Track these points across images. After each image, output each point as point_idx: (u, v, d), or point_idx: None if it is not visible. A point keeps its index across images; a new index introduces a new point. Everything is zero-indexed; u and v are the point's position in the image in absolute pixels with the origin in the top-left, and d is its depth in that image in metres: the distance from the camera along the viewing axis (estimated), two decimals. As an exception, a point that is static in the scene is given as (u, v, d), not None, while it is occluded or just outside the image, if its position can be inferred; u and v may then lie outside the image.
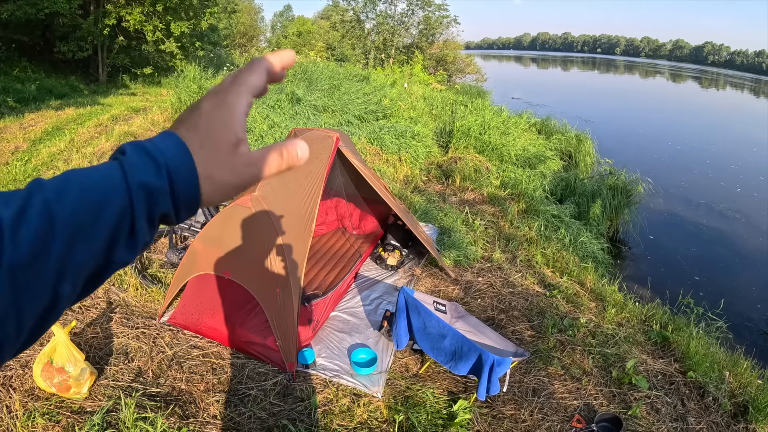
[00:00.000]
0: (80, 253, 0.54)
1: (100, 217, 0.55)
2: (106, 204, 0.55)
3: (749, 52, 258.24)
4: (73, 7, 16.24)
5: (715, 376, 4.98)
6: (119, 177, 0.57)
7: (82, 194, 0.54)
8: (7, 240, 0.50)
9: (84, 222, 0.54)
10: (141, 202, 0.57)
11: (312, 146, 4.64)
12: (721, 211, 13.86)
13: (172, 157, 0.60)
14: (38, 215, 0.52)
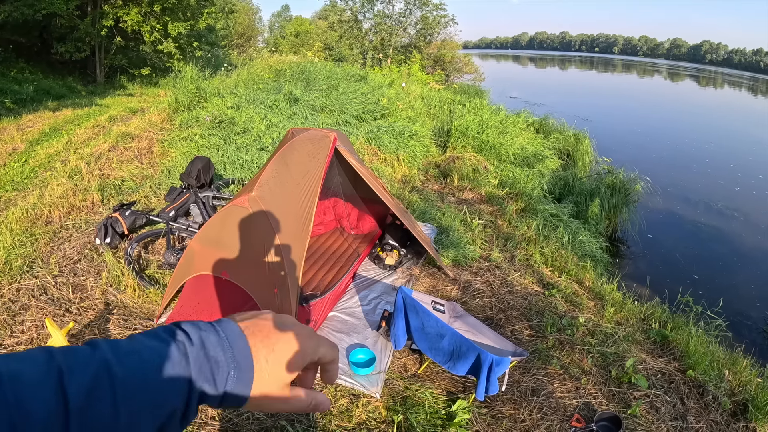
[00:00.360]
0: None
1: (159, 411, 0.58)
2: (167, 401, 0.59)
3: (747, 51, 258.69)
4: (71, 8, 16.23)
5: (715, 375, 4.98)
6: (185, 380, 0.61)
7: (146, 386, 0.58)
8: (74, 424, 0.51)
9: (143, 410, 0.57)
10: (195, 400, 0.62)
11: (309, 146, 4.64)
12: (720, 209, 13.88)
13: (234, 377, 0.65)
14: (104, 404, 0.54)
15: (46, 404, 0.50)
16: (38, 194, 7.33)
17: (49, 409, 0.50)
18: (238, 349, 0.66)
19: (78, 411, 0.51)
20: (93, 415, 0.52)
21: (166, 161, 8.99)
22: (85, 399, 0.52)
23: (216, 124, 10.32)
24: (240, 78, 15.39)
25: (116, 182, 8.06)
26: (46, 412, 0.50)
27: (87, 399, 0.52)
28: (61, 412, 0.51)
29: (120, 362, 0.57)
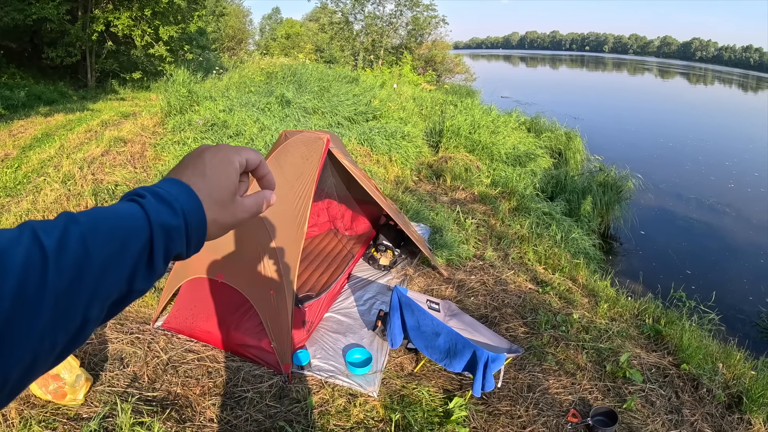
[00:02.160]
0: (108, 281, 0.61)
1: (126, 251, 0.63)
2: (131, 239, 0.64)
3: (737, 48, 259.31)
4: (61, 13, 16.16)
5: (709, 368, 5.02)
6: (143, 217, 0.66)
7: (112, 230, 0.63)
8: (51, 266, 0.55)
9: (113, 254, 0.62)
10: (160, 240, 0.67)
11: (303, 148, 4.66)
12: (711, 205, 13.94)
13: (186, 203, 0.72)
14: (77, 245, 0.58)
15: (26, 251, 0.55)
16: (31, 200, 7.33)
17: (28, 255, 0.54)
18: (177, 187, 0.73)
19: (54, 254, 0.56)
20: (68, 258, 0.57)
21: (159, 165, 8.99)
22: (59, 242, 0.57)
23: (208, 128, 10.32)
24: (231, 81, 15.41)
25: (110, 187, 8.05)
26: (25, 258, 0.54)
27: (60, 244, 0.57)
28: (38, 257, 0.55)
29: (83, 215, 0.62)
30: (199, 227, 0.74)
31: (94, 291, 0.60)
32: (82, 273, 0.58)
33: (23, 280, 0.53)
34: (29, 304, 0.53)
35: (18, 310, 0.52)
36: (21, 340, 0.53)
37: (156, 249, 0.67)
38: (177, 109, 11.37)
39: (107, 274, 0.61)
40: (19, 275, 0.53)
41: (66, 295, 0.56)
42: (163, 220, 0.68)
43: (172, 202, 0.70)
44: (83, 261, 0.58)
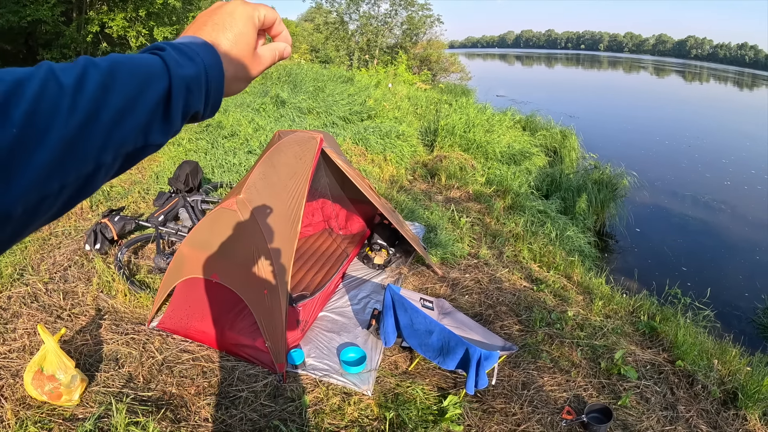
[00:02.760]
0: (124, 127, 0.61)
1: (144, 96, 0.63)
2: (150, 86, 0.64)
3: (732, 45, 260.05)
4: (56, 14, 16.13)
5: (704, 365, 5.04)
6: (162, 67, 0.66)
7: (131, 75, 0.62)
8: (66, 101, 0.55)
9: (131, 98, 0.62)
10: (180, 92, 0.67)
11: (296, 148, 4.66)
12: (707, 202, 13.99)
13: (207, 57, 0.72)
14: (95, 85, 0.58)
15: (42, 83, 0.55)
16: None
17: (43, 86, 0.54)
18: (197, 42, 0.74)
19: (70, 91, 0.56)
20: (84, 97, 0.57)
21: (154, 166, 8.98)
22: (76, 82, 0.57)
23: (203, 128, 10.32)
24: (226, 81, 15.37)
25: (104, 188, 8.04)
26: (39, 89, 0.54)
27: (77, 82, 0.57)
28: (54, 90, 0.55)
29: (102, 60, 0.62)
30: (219, 83, 0.75)
31: (108, 135, 0.60)
32: (97, 114, 0.58)
33: (35, 109, 0.53)
34: (39, 134, 0.53)
35: (27, 139, 0.52)
36: (27, 172, 0.52)
37: (174, 101, 0.67)
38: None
39: (123, 120, 0.61)
40: (31, 103, 0.53)
41: (79, 135, 0.56)
42: (184, 72, 0.68)
43: (193, 56, 0.70)
44: (100, 102, 0.58)
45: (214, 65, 0.73)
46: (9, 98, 0.52)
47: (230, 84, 0.78)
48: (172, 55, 0.68)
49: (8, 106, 0.51)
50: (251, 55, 0.81)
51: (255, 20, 0.81)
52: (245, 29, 0.79)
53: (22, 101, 0.52)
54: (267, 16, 0.84)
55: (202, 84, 0.71)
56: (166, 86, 0.66)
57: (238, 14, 0.79)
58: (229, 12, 0.79)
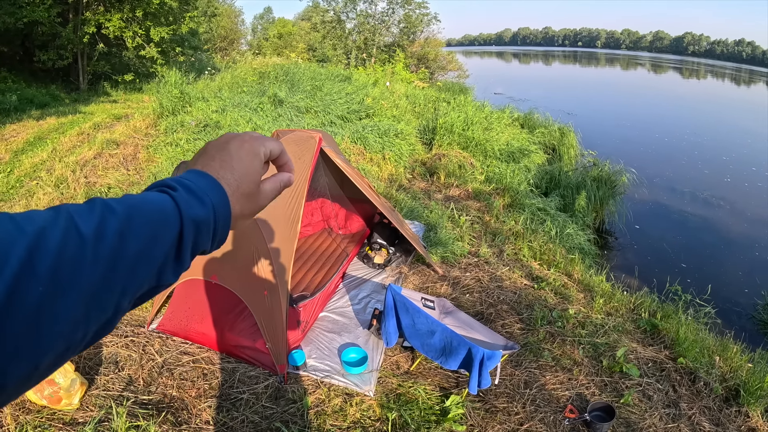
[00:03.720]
0: (140, 273, 0.62)
1: (158, 244, 0.64)
2: (164, 233, 0.65)
3: (729, 42, 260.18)
4: (52, 16, 16.10)
5: (706, 362, 5.02)
6: (174, 210, 0.67)
7: (146, 223, 0.63)
8: (88, 253, 0.55)
9: (146, 247, 0.62)
10: (190, 234, 0.68)
11: (295, 147, 4.64)
12: (706, 199, 13.97)
13: (215, 197, 0.73)
14: (113, 236, 0.58)
15: (63, 234, 0.54)
16: (24, 204, 7.30)
17: (65, 238, 0.54)
18: (206, 180, 0.75)
19: (91, 242, 0.56)
20: (104, 247, 0.57)
21: (152, 167, 8.97)
22: (96, 231, 0.57)
23: (201, 129, 10.30)
24: (224, 81, 15.39)
25: (103, 190, 8.04)
26: (62, 241, 0.53)
27: (98, 231, 0.57)
28: (76, 243, 0.55)
29: (117, 203, 0.62)
30: (226, 222, 0.75)
31: (126, 282, 0.60)
32: (116, 264, 0.58)
33: (59, 264, 0.52)
34: (65, 289, 0.52)
35: (53, 294, 0.51)
36: (54, 326, 0.52)
37: (185, 243, 0.68)
38: (169, 110, 11.37)
39: (140, 266, 0.61)
40: (56, 257, 0.52)
41: (100, 285, 0.56)
42: (194, 214, 0.69)
43: (203, 197, 0.71)
44: (118, 252, 0.58)
45: (222, 205, 0.74)
46: (33, 253, 0.51)
47: (236, 221, 0.79)
48: (184, 196, 0.69)
49: (33, 262, 0.51)
50: (257, 192, 0.83)
51: (261, 156, 0.83)
52: (252, 167, 0.81)
53: (47, 256, 0.52)
54: (273, 150, 0.87)
55: (211, 224, 0.72)
56: (178, 230, 0.67)
57: (246, 152, 0.81)
58: (237, 148, 0.81)
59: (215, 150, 0.81)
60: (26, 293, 0.49)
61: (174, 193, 0.69)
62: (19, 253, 0.50)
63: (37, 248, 0.51)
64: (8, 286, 0.48)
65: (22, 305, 0.49)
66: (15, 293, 0.48)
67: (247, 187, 0.80)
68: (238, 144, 0.81)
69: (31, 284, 0.50)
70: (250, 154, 0.81)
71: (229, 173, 0.78)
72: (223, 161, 0.79)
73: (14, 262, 0.49)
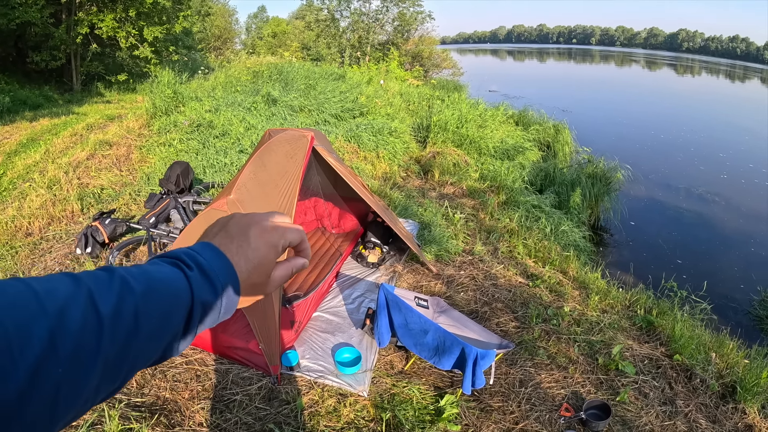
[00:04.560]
0: (150, 349, 0.65)
1: (170, 323, 0.66)
2: (176, 313, 0.67)
3: (723, 38, 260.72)
4: (45, 16, 16.07)
5: (702, 358, 5.02)
6: (187, 291, 0.69)
7: (161, 303, 0.65)
8: (106, 334, 0.57)
9: (159, 326, 0.65)
10: (197, 314, 0.70)
11: (286, 146, 4.61)
12: (701, 195, 13.99)
13: (226, 281, 0.73)
14: (130, 317, 0.60)
15: (83, 315, 0.55)
16: (17, 206, 7.26)
17: (85, 319, 0.55)
18: (220, 262, 0.74)
19: (109, 323, 0.57)
20: (121, 328, 0.59)
21: (145, 167, 8.94)
22: (114, 312, 0.58)
23: (194, 128, 10.26)
24: (217, 81, 15.36)
25: (95, 191, 8.00)
26: (82, 322, 0.55)
27: (115, 312, 0.59)
28: (95, 324, 0.56)
29: (135, 281, 0.63)
30: (231, 305, 0.76)
31: (136, 358, 0.62)
32: (130, 342, 0.60)
33: (79, 345, 0.54)
34: (83, 369, 0.54)
35: (72, 375, 0.53)
36: (70, 403, 0.54)
37: (193, 321, 0.70)
38: (162, 110, 11.32)
39: (151, 343, 0.64)
40: (76, 340, 0.54)
41: (114, 362, 0.58)
42: (205, 299, 0.70)
43: (215, 280, 0.72)
44: (134, 332, 0.60)
45: (232, 292, 0.75)
46: (55, 336, 0.52)
47: (240, 304, 0.79)
48: (197, 278, 0.70)
49: (55, 345, 0.52)
50: (266, 282, 0.82)
51: (279, 249, 0.82)
52: (267, 259, 0.80)
53: (68, 339, 0.53)
54: (292, 241, 0.86)
55: (219, 309, 0.73)
56: (189, 310, 0.69)
57: (264, 242, 0.80)
58: (256, 237, 0.80)
59: (236, 231, 0.80)
60: (47, 376, 0.51)
61: (189, 273, 0.70)
62: (42, 335, 0.51)
63: (59, 331, 0.52)
64: (31, 368, 0.49)
65: (43, 387, 0.50)
66: (37, 376, 0.50)
67: (258, 278, 0.79)
68: (258, 232, 0.80)
69: (52, 367, 0.51)
70: (268, 245, 0.80)
71: (244, 261, 0.77)
72: (240, 247, 0.78)
73: (36, 346, 0.50)
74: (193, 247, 0.76)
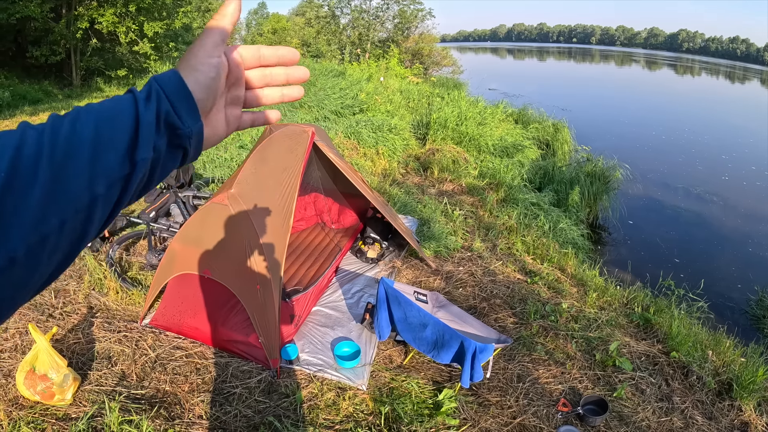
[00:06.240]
0: (106, 157, 0.62)
1: (117, 125, 0.64)
2: (120, 114, 0.65)
3: (723, 39, 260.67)
4: (45, 11, 16.05)
5: (699, 356, 5.04)
6: (129, 96, 0.67)
7: (98, 110, 0.64)
8: (46, 139, 0.58)
9: (105, 131, 0.62)
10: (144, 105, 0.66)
11: (287, 142, 4.63)
12: (700, 195, 14.00)
13: (162, 75, 0.70)
14: (68, 124, 0.61)
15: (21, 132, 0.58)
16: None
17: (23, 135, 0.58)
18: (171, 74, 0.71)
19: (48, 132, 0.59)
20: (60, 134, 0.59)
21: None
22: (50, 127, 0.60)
23: (195, 123, 10.26)
24: (217, 77, 15.33)
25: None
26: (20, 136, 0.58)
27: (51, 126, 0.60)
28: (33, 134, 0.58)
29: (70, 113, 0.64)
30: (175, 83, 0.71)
31: (92, 165, 0.60)
32: (76, 147, 0.59)
33: (17, 156, 0.55)
34: (25, 174, 0.55)
35: (15, 182, 0.54)
36: (21, 212, 0.54)
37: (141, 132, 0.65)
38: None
39: (103, 148, 0.61)
40: (14, 151, 0.55)
41: (63, 167, 0.57)
42: (157, 107, 0.67)
43: (151, 81, 0.70)
44: (75, 136, 0.60)
45: (170, 75, 0.71)
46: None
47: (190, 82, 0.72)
48: (145, 93, 0.68)
49: None
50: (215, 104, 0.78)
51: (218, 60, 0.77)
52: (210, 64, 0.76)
53: (6, 150, 0.55)
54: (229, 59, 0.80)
55: (160, 90, 0.69)
56: (135, 108, 0.66)
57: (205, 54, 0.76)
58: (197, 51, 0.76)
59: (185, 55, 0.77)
60: None
61: (136, 91, 0.68)
62: None
63: None
64: None
65: None
66: None
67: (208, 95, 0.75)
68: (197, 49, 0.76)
69: None
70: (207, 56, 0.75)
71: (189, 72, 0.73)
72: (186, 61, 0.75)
73: None
74: None
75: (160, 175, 0.72)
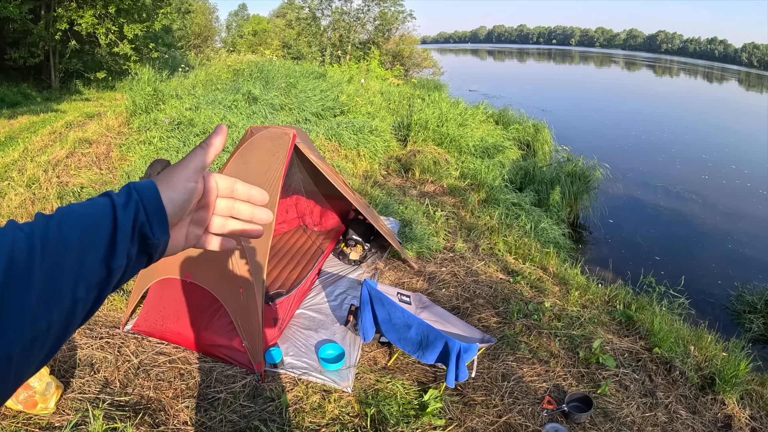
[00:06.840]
0: (89, 260, 0.65)
1: (99, 230, 0.67)
2: (102, 220, 0.68)
3: (701, 40, 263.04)
4: (24, 12, 15.87)
5: (681, 351, 5.10)
6: (107, 200, 0.70)
7: (83, 215, 0.67)
8: (36, 244, 0.60)
9: (87, 234, 0.65)
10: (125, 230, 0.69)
11: (268, 144, 4.62)
12: (679, 193, 14.15)
13: (142, 186, 0.73)
14: (55, 228, 0.63)
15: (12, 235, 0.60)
16: (-5, 205, 7.20)
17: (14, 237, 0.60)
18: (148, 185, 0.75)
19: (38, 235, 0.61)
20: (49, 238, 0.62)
21: (125, 166, 8.88)
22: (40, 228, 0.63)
23: (174, 126, 10.21)
24: (198, 79, 15.27)
25: (75, 189, 7.94)
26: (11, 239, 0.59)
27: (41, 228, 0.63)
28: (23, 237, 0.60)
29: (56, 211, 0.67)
30: (153, 197, 0.74)
31: (77, 269, 0.63)
32: (64, 251, 0.62)
33: (12, 258, 0.57)
34: (21, 277, 0.57)
35: (11, 284, 0.56)
36: (18, 314, 0.56)
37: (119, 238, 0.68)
38: (142, 108, 11.25)
39: (86, 253, 0.64)
40: (9, 253, 0.57)
41: (52, 271, 0.60)
42: (121, 200, 0.70)
43: (131, 188, 0.72)
44: (63, 240, 0.62)
45: (147, 187, 0.74)
46: None
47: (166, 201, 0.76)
48: (123, 198, 0.71)
49: None
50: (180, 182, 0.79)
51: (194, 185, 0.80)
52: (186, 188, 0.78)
53: (1, 253, 0.57)
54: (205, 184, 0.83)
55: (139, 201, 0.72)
56: (113, 213, 0.69)
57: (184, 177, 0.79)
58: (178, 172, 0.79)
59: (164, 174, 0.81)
60: None
61: (115, 196, 0.71)
62: None
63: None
64: None
65: None
66: None
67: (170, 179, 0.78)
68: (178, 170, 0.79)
69: None
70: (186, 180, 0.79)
71: (167, 189, 0.76)
72: (164, 180, 0.78)
73: None
74: None
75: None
